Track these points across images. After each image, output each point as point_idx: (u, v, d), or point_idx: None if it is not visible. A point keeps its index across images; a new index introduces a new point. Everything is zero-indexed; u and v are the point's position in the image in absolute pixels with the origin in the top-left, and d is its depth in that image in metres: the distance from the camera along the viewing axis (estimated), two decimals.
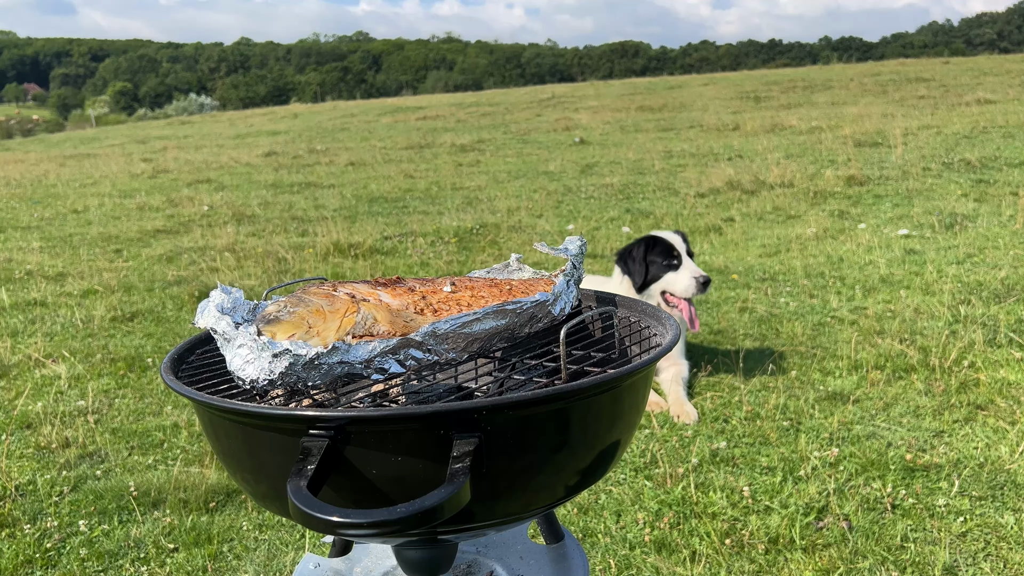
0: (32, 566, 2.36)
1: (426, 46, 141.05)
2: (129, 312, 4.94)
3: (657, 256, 3.42)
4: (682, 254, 3.42)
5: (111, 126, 35.30)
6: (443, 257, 6.21)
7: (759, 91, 20.16)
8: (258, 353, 0.90)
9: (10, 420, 3.37)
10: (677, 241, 3.44)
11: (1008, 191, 6.98)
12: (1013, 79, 17.56)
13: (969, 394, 3.16)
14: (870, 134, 11.07)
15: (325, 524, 0.70)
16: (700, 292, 3.36)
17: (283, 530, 2.49)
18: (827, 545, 2.27)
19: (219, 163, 13.75)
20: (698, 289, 3.35)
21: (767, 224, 6.68)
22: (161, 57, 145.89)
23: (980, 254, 5.18)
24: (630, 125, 15.56)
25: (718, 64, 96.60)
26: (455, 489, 0.72)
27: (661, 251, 3.42)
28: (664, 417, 3.15)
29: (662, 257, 3.42)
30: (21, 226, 8.44)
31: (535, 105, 22.03)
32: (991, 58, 27.96)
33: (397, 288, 1.11)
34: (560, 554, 1.10)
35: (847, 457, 2.74)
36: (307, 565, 1.10)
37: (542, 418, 0.85)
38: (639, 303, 1.22)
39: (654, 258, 3.42)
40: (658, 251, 3.43)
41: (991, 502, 2.44)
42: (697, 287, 3.35)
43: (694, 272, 3.38)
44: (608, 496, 2.59)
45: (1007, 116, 11.59)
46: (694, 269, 3.39)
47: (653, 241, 3.45)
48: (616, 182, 9.18)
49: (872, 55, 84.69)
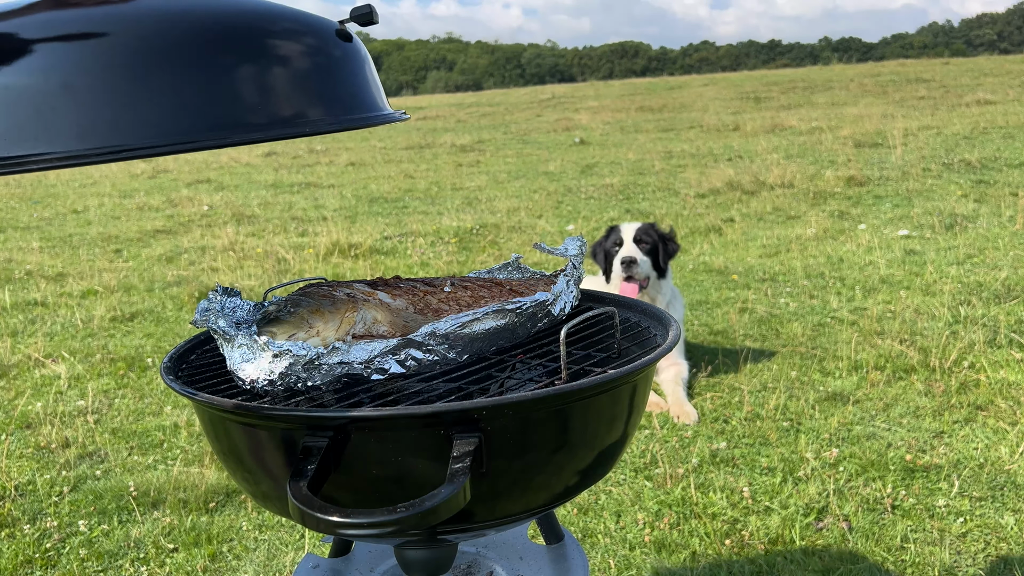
0: (32, 566, 2.36)
1: (426, 46, 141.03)
2: (129, 312, 4.94)
3: (610, 244, 3.62)
4: (626, 240, 3.55)
5: None
6: (443, 257, 6.21)
7: (759, 91, 20.16)
8: (258, 353, 0.90)
9: (10, 420, 3.37)
10: (627, 229, 3.60)
11: (1008, 192, 6.98)
12: (1013, 80, 17.57)
13: (969, 395, 3.16)
14: (870, 135, 11.07)
15: (325, 524, 0.69)
16: (626, 272, 3.48)
17: (283, 530, 2.49)
18: (827, 546, 2.27)
19: (219, 163, 13.76)
20: (624, 270, 3.48)
21: (767, 224, 6.68)
22: None
23: (980, 255, 5.18)
24: (630, 125, 15.57)
25: (718, 64, 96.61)
26: (455, 489, 0.72)
27: (613, 239, 3.61)
28: (664, 417, 3.15)
29: (612, 244, 3.61)
30: (21, 226, 8.44)
31: (535, 105, 22.04)
32: (991, 59, 27.98)
33: (397, 288, 1.10)
34: (560, 554, 1.10)
35: (847, 458, 2.74)
36: (307, 565, 1.10)
37: (542, 418, 0.85)
38: (639, 303, 1.22)
39: (609, 247, 3.62)
40: (611, 240, 3.62)
41: (991, 503, 2.44)
42: (623, 268, 3.49)
43: (623, 254, 3.51)
44: (608, 496, 2.59)
45: (1007, 117, 11.60)
46: (624, 251, 3.52)
47: (609, 231, 3.68)
48: (616, 182, 9.18)
49: (872, 56, 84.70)
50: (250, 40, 0.77)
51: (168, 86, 0.72)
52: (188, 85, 0.73)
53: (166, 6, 0.79)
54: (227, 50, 0.75)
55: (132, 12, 0.77)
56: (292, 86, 0.79)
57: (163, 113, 0.71)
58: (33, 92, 0.70)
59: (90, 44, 0.72)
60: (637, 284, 3.51)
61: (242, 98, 0.75)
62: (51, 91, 0.70)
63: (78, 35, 0.73)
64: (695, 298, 4.71)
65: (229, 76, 0.75)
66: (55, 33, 0.73)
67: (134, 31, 0.73)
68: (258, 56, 0.77)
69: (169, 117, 0.71)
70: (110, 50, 0.72)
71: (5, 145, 0.70)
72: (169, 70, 0.73)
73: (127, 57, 0.72)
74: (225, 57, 0.75)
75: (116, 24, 0.74)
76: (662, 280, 3.59)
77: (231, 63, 0.75)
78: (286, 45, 0.80)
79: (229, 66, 0.75)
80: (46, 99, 0.70)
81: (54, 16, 0.76)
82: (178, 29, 0.75)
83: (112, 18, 0.75)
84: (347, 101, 0.84)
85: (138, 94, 0.71)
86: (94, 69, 0.71)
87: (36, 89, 0.70)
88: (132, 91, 0.71)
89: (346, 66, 0.85)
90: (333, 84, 0.83)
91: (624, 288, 3.50)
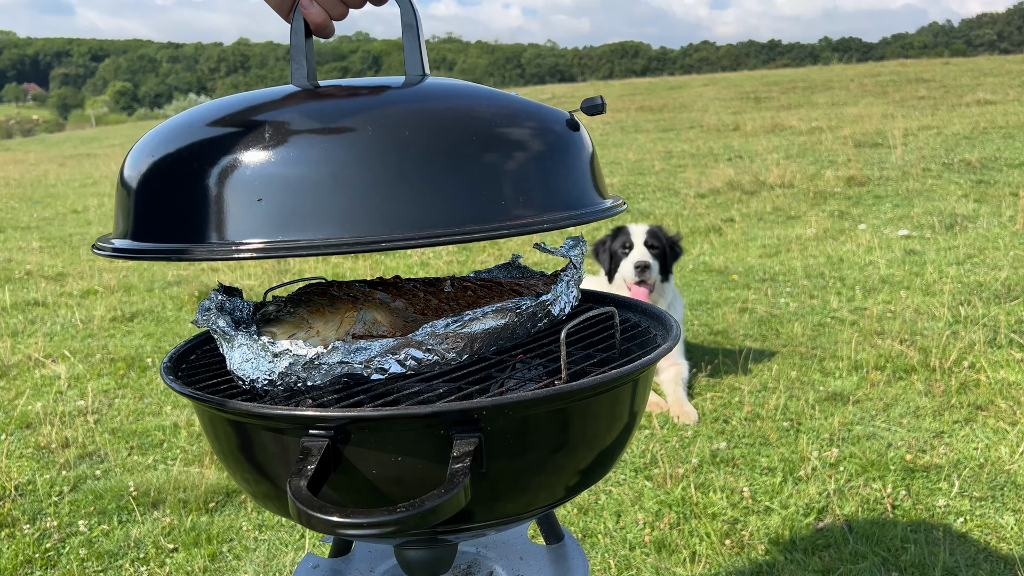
0: (32, 566, 2.36)
1: (426, 46, 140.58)
2: (129, 312, 4.94)
3: (618, 246, 3.60)
4: (637, 243, 3.54)
5: (111, 126, 35.30)
6: (443, 257, 6.21)
7: (759, 92, 20.15)
8: (258, 353, 0.90)
9: (10, 420, 3.37)
10: (637, 231, 3.59)
11: (1008, 192, 6.98)
12: (1013, 80, 17.56)
13: (969, 395, 3.16)
14: (870, 135, 11.07)
15: (325, 524, 0.69)
16: (639, 277, 3.48)
17: (283, 530, 2.49)
18: (827, 546, 2.27)
19: None
20: (637, 274, 3.48)
21: (767, 224, 6.68)
22: (161, 57, 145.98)
23: (980, 255, 5.18)
24: (630, 125, 15.56)
25: (718, 64, 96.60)
26: (455, 489, 0.72)
27: (622, 241, 3.60)
28: (664, 417, 3.15)
29: (621, 246, 3.59)
30: (21, 226, 8.44)
31: None
32: (991, 59, 27.95)
33: (397, 288, 1.10)
34: (560, 554, 1.10)
35: (847, 458, 2.74)
36: (307, 565, 1.10)
37: (542, 418, 0.85)
38: (639, 303, 1.22)
39: (616, 248, 3.61)
40: (619, 241, 3.61)
41: (991, 503, 2.44)
42: (636, 272, 3.49)
43: (635, 258, 3.50)
44: (608, 496, 2.59)
45: (1007, 117, 11.59)
46: (637, 255, 3.51)
47: (616, 232, 3.66)
48: (616, 182, 9.18)
49: (872, 56, 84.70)
50: (494, 137, 0.82)
51: (421, 180, 0.77)
52: (441, 179, 0.78)
53: (410, 100, 0.86)
54: (472, 146, 0.80)
55: (384, 106, 0.83)
56: (535, 180, 0.84)
57: (417, 206, 0.76)
58: (306, 182, 0.75)
59: (353, 137, 0.78)
60: (648, 288, 3.51)
61: (489, 192, 0.80)
62: (322, 181, 0.75)
63: (343, 128, 0.79)
64: (695, 298, 4.71)
65: (474, 171, 0.79)
66: (323, 125, 0.79)
67: (390, 126, 0.78)
68: (502, 152, 0.82)
69: (424, 210, 0.76)
70: (371, 144, 0.77)
71: (278, 230, 0.75)
72: (422, 165, 0.77)
73: (385, 151, 0.77)
74: (470, 153, 0.80)
75: (374, 119, 0.79)
76: (665, 283, 3.59)
77: (476, 159, 0.80)
78: (530, 140, 0.86)
79: (475, 162, 0.79)
80: (317, 189, 0.75)
81: (316, 108, 0.83)
82: (428, 125, 0.80)
83: (369, 113, 0.81)
84: (576, 194, 0.90)
85: (393, 187, 0.76)
86: (360, 161, 0.76)
87: (309, 179, 0.75)
88: (389, 184, 0.76)
89: (577, 157, 0.91)
90: (566, 177, 0.88)
91: (636, 292, 3.50)
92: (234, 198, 0.76)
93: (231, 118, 0.83)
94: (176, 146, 0.82)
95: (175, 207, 0.80)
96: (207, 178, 0.78)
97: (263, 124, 0.79)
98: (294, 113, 0.82)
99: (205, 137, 0.81)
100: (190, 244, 0.77)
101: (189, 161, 0.80)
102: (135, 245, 0.82)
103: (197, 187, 0.78)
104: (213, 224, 0.77)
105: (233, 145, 0.78)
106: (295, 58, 0.93)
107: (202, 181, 0.78)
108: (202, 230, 0.77)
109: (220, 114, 0.84)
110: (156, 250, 0.80)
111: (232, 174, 0.77)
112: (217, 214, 0.77)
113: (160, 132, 0.87)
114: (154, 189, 0.82)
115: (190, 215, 0.78)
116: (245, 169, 0.76)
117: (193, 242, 0.77)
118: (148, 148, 0.85)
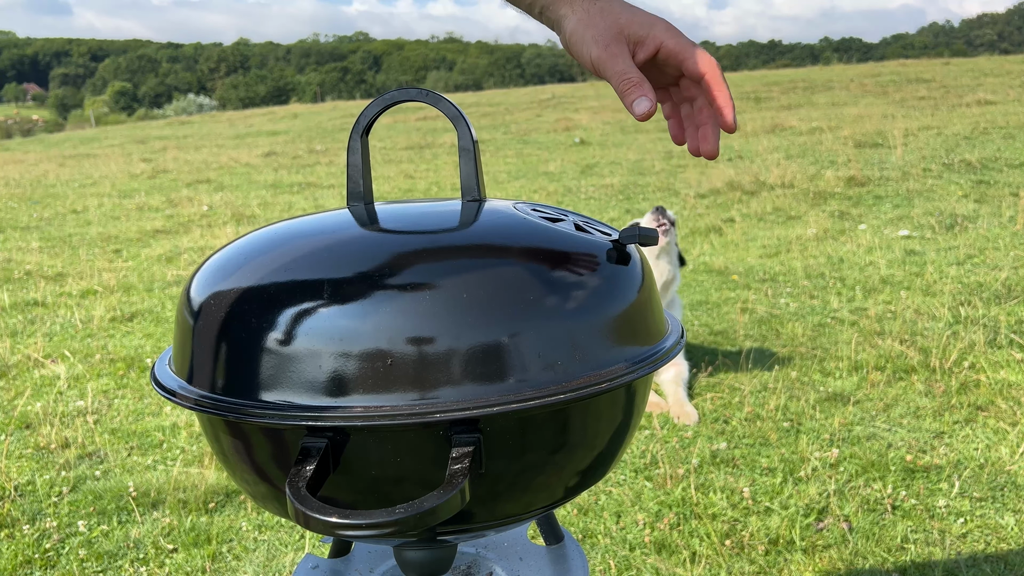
0: (31, 566, 2.36)
1: (426, 46, 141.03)
2: (128, 312, 4.94)
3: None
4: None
5: (110, 126, 35.31)
6: None
7: (759, 92, 20.15)
8: None
9: (10, 420, 3.37)
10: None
11: (1008, 192, 6.98)
12: (1013, 80, 17.56)
13: (969, 395, 3.16)
14: (870, 135, 11.07)
15: (324, 525, 0.69)
16: (658, 219, 3.48)
17: (282, 531, 2.48)
18: (827, 546, 2.27)
19: (219, 163, 13.75)
20: (655, 217, 3.48)
21: (767, 225, 6.67)
22: (160, 57, 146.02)
23: (980, 255, 5.18)
24: (630, 125, 15.56)
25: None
26: (454, 491, 0.72)
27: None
28: (664, 418, 3.15)
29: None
30: (20, 226, 8.43)
31: (535, 105, 22.02)
32: (991, 59, 27.94)
33: None
34: (560, 555, 1.10)
35: (847, 458, 2.74)
36: (306, 565, 1.10)
37: (542, 419, 0.84)
38: None
39: None
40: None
41: (991, 503, 2.44)
42: (655, 215, 3.48)
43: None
44: (608, 497, 2.59)
45: (1007, 117, 11.59)
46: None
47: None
48: (616, 183, 9.18)
49: (872, 56, 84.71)
50: (565, 292, 0.81)
51: (486, 336, 0.76)
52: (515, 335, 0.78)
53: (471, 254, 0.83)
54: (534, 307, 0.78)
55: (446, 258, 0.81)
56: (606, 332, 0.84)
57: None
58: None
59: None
60: (664, 235, 3.50)
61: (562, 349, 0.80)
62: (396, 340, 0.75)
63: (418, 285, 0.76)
64: (695, 298, 4.71)
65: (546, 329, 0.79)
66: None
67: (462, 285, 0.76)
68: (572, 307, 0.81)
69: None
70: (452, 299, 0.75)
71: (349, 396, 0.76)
72: (491, 319, 0.76)
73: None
74: (537, 312, 0.78)
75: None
76: (671, 283, 3.58)
77: (542, 318, 0.79)
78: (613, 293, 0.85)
79: (545, 320, 0.79)
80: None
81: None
82: (485, 283, 0.78)
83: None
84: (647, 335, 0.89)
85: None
86: (439, 318, 0.75)
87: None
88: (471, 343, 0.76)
89: (641, 296, 0.88)
90: (640, 320, 0.88)
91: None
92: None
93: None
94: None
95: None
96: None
97: None
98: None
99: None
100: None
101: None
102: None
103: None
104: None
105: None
106: (351, 177, 0.97)
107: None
108: None
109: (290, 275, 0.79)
110: None
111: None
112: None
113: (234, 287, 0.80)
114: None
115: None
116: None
117: None
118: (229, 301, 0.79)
